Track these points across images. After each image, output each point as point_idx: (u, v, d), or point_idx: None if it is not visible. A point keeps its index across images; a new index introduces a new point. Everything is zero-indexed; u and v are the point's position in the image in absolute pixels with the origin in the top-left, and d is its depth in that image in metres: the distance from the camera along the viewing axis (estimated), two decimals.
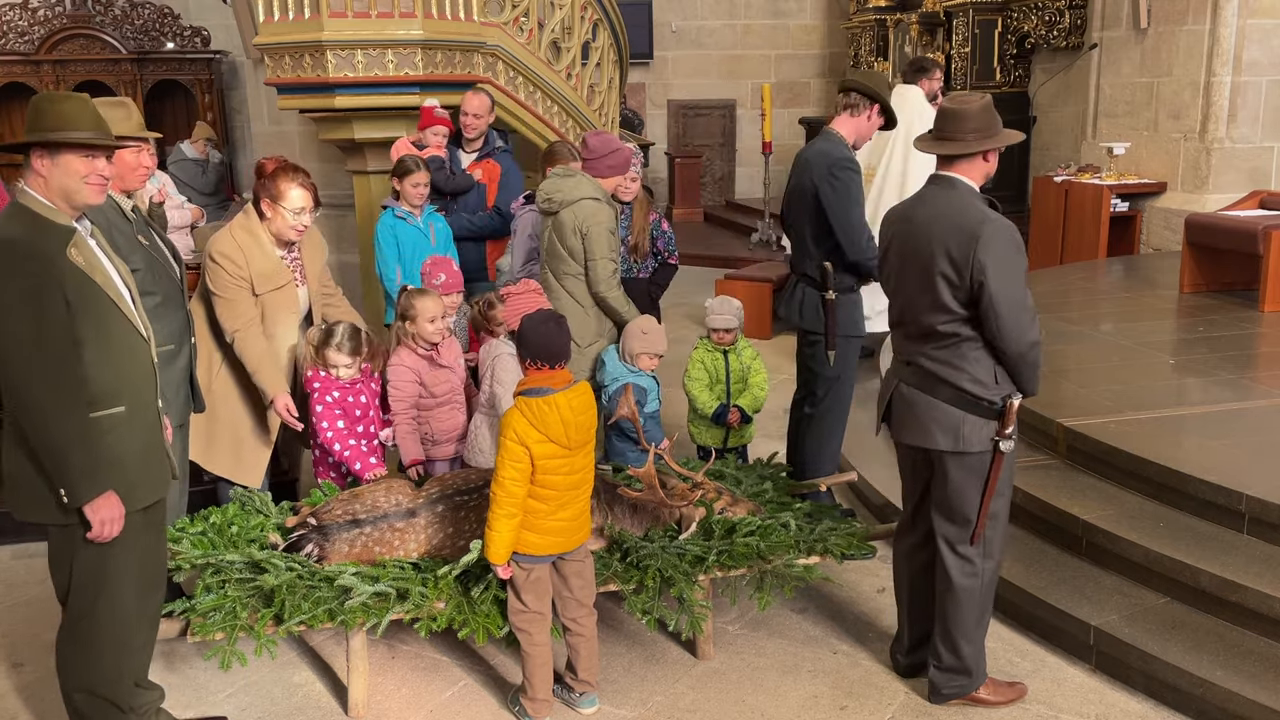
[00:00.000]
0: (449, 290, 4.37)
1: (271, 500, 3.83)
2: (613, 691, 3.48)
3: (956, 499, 3.15)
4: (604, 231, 4.27)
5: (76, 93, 2.90)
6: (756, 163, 13.17)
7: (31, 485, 2.70)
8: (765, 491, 4.02)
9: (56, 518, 2.72)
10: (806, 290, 4.33)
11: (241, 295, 3.86)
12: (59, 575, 2.83)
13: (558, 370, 3.13)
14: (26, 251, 2.59)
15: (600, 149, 4.48)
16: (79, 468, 2.65)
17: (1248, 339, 5.71)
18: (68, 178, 2.67)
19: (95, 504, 2.69)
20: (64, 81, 11.85)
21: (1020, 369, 3.03)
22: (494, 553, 3.12)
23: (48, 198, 2.67)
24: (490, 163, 5.54)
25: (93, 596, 2.81)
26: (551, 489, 3.11)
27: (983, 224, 2.96)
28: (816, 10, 14.42)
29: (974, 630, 3.26)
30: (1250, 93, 7.84)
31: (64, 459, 2.63)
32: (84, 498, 2.67)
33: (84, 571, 2.79)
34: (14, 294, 2.55)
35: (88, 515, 2.70)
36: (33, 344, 2.57)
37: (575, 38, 7.44)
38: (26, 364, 2.57)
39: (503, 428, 3.11)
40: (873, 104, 4.24)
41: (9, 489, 2.77)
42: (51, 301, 2.59)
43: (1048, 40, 10.25)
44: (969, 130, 3.05)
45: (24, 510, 2.77)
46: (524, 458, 3.04)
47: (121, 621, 2.87)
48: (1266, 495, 3.58)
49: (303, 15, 6.05)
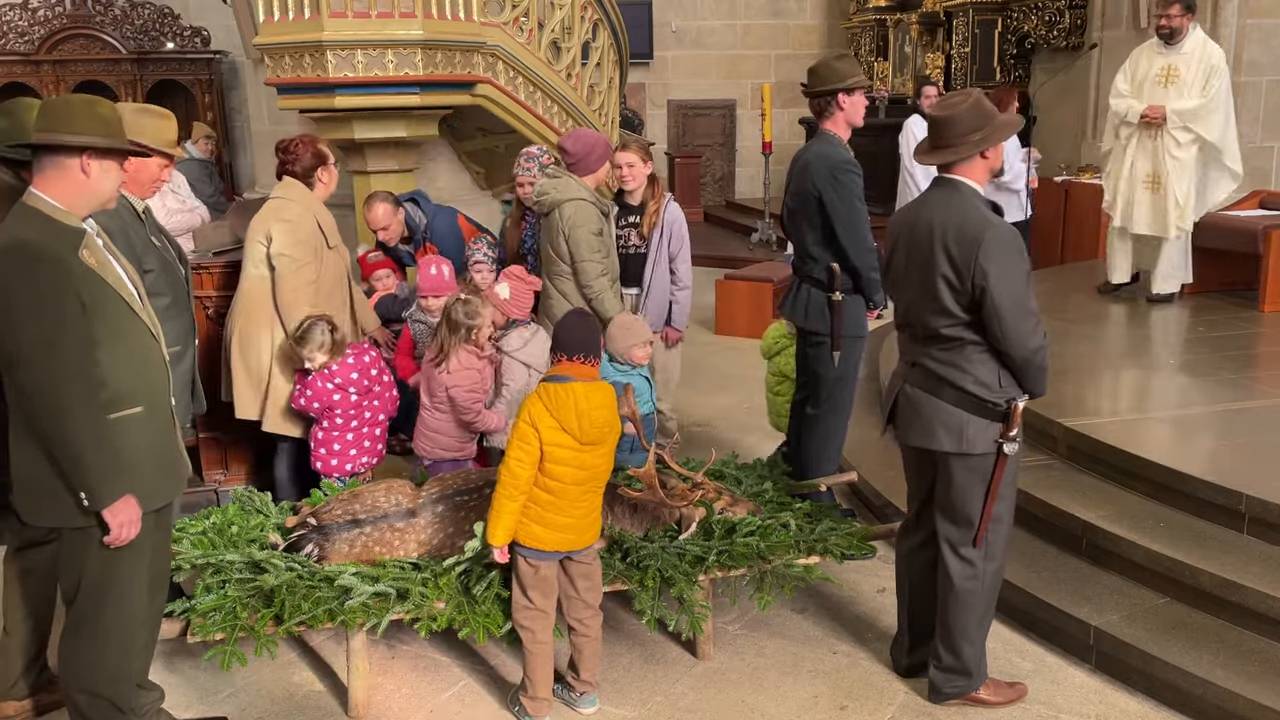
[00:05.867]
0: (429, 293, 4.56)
1: (272, 499, 3.84)
2: (613, 691, 3.48)
3: (959, 500, 3.15)
4: (587, 234, 4.36)
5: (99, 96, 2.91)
6: (756, 163, 13.18)
7: (44, 488, 2.68)
8: (765, 491, 4.02)
9: (70, 520, 2.70)
10: (811, 291, 4.32)
11: (310, 256, 4.19)
12: (68, 578, 2.81)
13: (581, 364, 3.16)
14: (41, 253, 2.55)
15: (580, 152, 4.52)
16: (99, 471, 2.63)
17: (1248, 339, 5.71)
18: (108, 182, 2.67)
19: (115, 507, 2.67)
20: (64, 81, 11.87)
21: (1027, 372, 3.04)
22: (493, 534, 3.14)
23: (61, 199, 2.63)
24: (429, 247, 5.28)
25: (101, 598, 2.80)
26: (559, 480, 3.11)
27: (985, 229, 2.96)
28: (816, 10, 14.43)
29: (975, 631, 3.26)
30: (1250, 93, 7.85)
31: (84, 462, 2.61)
32: (104, 501, 2.65)
33: (95, 574, 2.78)
34: (31, 296, 2.52)
35: (107, 519, 2.67)
36: (51, 346, 2.53)
37: (575, 38, 7.43)
38: (45, 366, 2.53)
39: (519, 410, 3.14)
40: (837, 95, 4.16)
41: (19, 492, 2.76)
42: (68, 303, 2.56)
43: (1048, 40, 10.27)
44: (960, 134, 3.04)
45: (36, 513, 2.74)
46: (533, 440, 3.06)
47: (130, 623, 2.87)
48: (1266, 495, 3.58)
49: (303, 15, 6.04)
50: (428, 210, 5.26)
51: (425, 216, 5.25)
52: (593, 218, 4.40)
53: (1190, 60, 5.97)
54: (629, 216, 4.86)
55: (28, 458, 2.68)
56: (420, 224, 5.24)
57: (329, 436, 4.17)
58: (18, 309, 2.52)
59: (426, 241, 5.24)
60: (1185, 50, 5.99)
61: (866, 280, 4.22)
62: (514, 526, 3.15)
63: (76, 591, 2.80)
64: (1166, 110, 5.98)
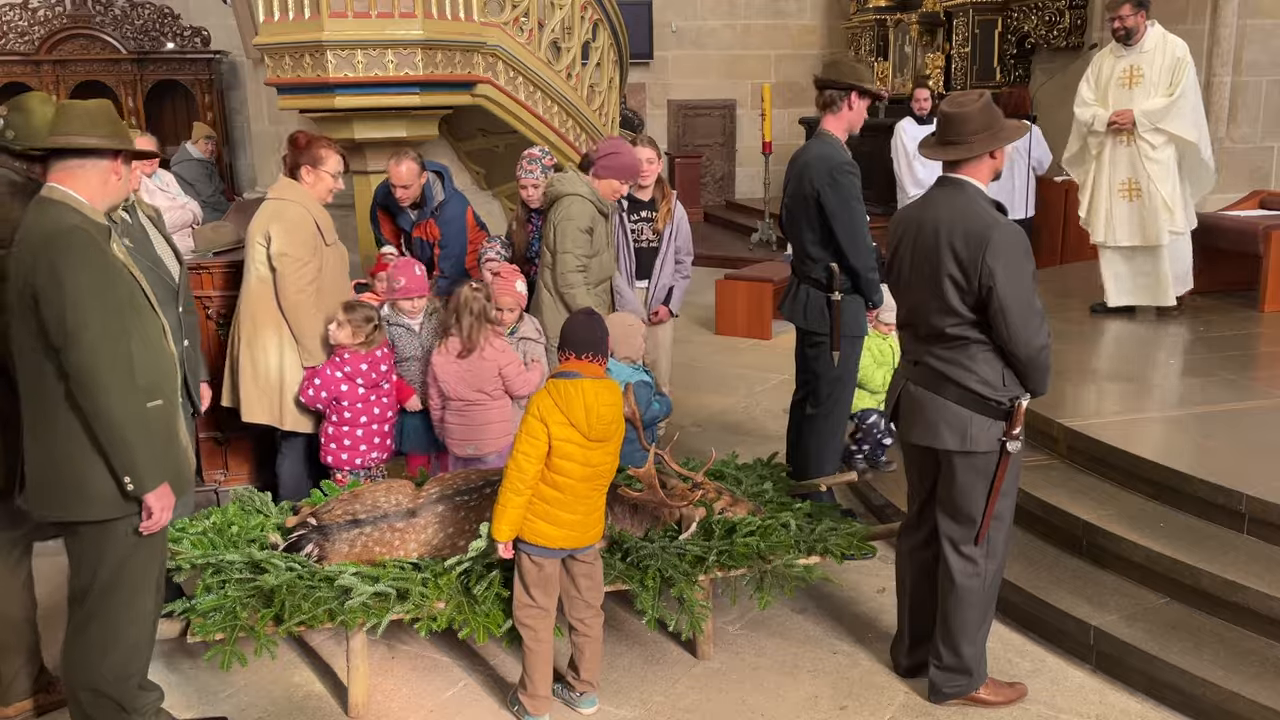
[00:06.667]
0: (410, 294, 4.44)
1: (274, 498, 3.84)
2: (613, 691, 3.48)
3: (962, 499, 3.16)
4: (574, 229, 4.38)
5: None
6: (756, 163, 13.18)
7: (70, 481, 2.72)
8: (765, 491, 4.02)
9: (96, 513, 2.73)
10: (811, 291, 4.33)
11: (309, 255, 4.17)
12: (82, 575, 2.83)
13: (590, 362, 3.19)
14: (92, 239, 2.69)
15: (606, 151, 4.58)
16: (145, 454, 2.71)
17: (1248, 339, 5.71)
18: (128, 185, 2.91)
19: (158, 492, 2.75)
20: (64, 81, 11.88)
21: (1030, 372, 3.04)
22: (498, 529, 3.15)
23: (88, 196, 2.76)
24: (431, 224, 5.22)
25: (114, 596, 2.82)
26: (565, 476, 3.12)
27: (991, 229, 2.97)
28: (816, 10, 14.42)
29: (975, 630, 3.27)
30: (1250, 93, 7.85)
31: (130, 445, 2.68)
32: (148, 485, 2.73)
33: (111, 571, 2.80)
34: (89, 278, 2.63)
35: (150, 503, 2.74)
36: (105, 328, 2.64)
37: (575, 38, 7.43)
38: (96, 349, 2.62)
39: (528, 405, 3.16)
40: (849, 92, 4.20)
41: (33, 488, 2.79)
42: (115, 290, 2.70)
43: (1048, 40, 10.26)
44: (971, 132, 3.05)
45: (58, 507, 2.77)
46: (542, 435, 3.08)
47: (139, 622, 2.90)
48: (1266, 495, 3.58)
49: (303, 15, 6.05)
50: (446, 190, 5.23)
51: (442, 194, 5.22)
52: (586, 215, 4.43)
53: (1153, 59, 5.79)
54: (640, 212, 5.03)
55: (51, 450, 2.72)
56: (434, 198, 5.20)
57: (339, 431, 4.21)
58: (77, 289, 2.61)
59: (433, 217, 5.19)
60: (1147, 49, 5.82)
61: (865, 280, 4.22)
62: (519, 522, 3.15)
63: (89, 589, 2.82)
64: (1135, 113, 5.78)
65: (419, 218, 5.19)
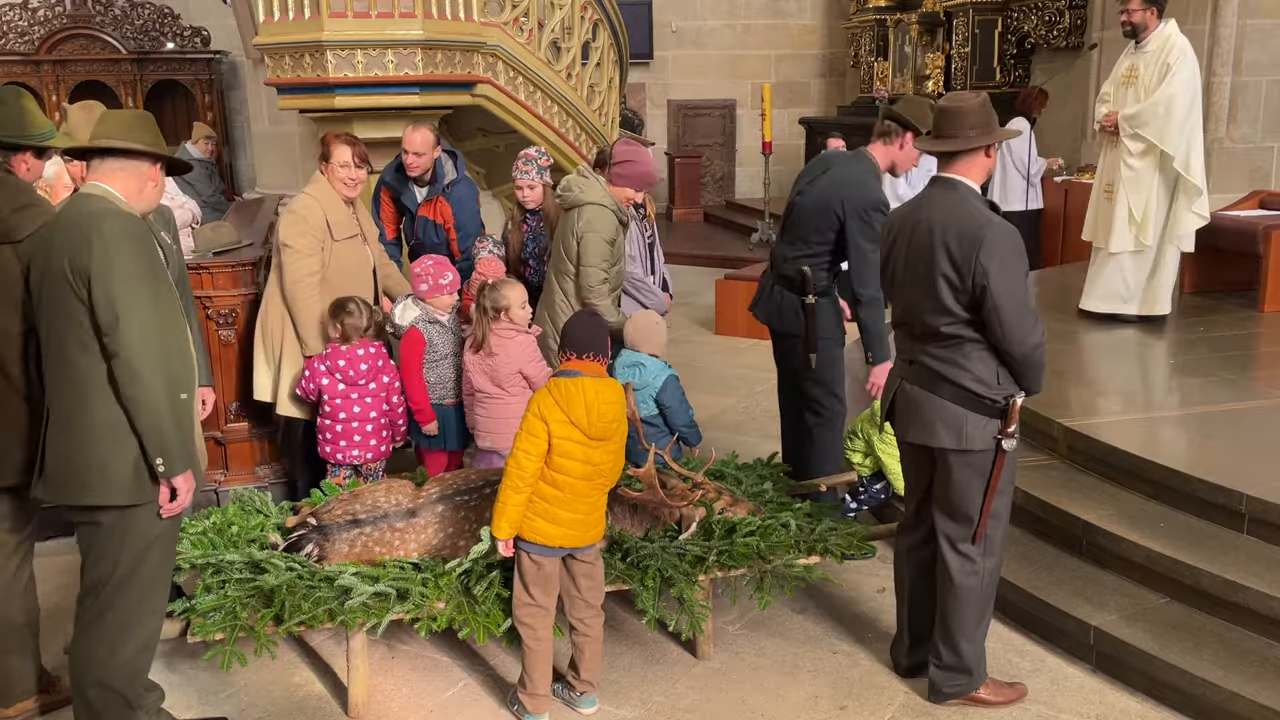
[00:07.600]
0: (455, 289, 4.48)
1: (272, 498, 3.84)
2: (613, 691, 3.48)
3: (959, 497, 3.16)
4: (599, 240, 4.31)
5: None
6: (756, 163, 13.17)
7: (95, 465, 2.75)
8: (765, 491, 4.02)
9: (120, 497, 2.77)
10: (784, 294, 4.33)
11: (312, 248, 4.24)
12: (101, 566, 2.84)
13: (591, 361, 3.20)
14: (143, 228, 2.82)
15: (625, 157, 4.48)
16: (178, 438, 2.78)
17: (1248, 339, 5.71)
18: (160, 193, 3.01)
19: (185, 475, 2.82)
20: (64, 82, 11.87)
21: (1025, 370, 3.05)
22: (498, 527, 3.16)
23: (128, 197, 2.85)
24: (441, 202, 5.15)
25: (129, 590, 2.84)
26: (566, 475, 3.12)
27: (984, 228, 2.98)
28: (816, 10, 14.43)
29: (974, 629, 3.27)
30: (1250, 93, 7.84)
31: (164, 426, 2.75)
32: (178, 468, 2.79)
33: (129, 563, 2.82)
34: (140, 261, 2.75)
35: (177, 486, 2.80)
36: (152, 311, 2.74)
37: (575, 38, 7.44)
38: (143, 330, 2.70)
39: (529, 404, 3.17)
40: (905, 132, 4.18)
41: (54, 474, 2.81)
42: (160, 279, 2.81)
43: (1048, 40, 10.26)
44: (969, 127, 3.08)
45: (76, 493, 2.79)
46: (542, 433, 3.09)
47: (154, 616, 2.94)
48: (1266, 495, 3.58)
49: (303, 15, 6.06)
50: (459, 170, 5.22)
51: (454, 175, 5.20)
52: (610, 226, 4.36)
53: (1151, 60, 5.51)
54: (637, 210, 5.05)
55: (79, 435, 2.75)
56: (444, 177, 5.16)
57: (323, 424, 4.29)
58: (129, 271, 2.71)
59: (444, 195, 5.14)
60: (1149, 49, 5.53)
61: (867, 300, 4.16)
62: (519, 520, 3.16)
63: (105, 581, 2.83)
64: (1117, 116, 5.56)
65: (428, 195, 5.16)
